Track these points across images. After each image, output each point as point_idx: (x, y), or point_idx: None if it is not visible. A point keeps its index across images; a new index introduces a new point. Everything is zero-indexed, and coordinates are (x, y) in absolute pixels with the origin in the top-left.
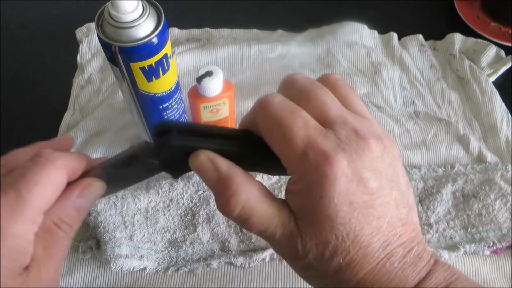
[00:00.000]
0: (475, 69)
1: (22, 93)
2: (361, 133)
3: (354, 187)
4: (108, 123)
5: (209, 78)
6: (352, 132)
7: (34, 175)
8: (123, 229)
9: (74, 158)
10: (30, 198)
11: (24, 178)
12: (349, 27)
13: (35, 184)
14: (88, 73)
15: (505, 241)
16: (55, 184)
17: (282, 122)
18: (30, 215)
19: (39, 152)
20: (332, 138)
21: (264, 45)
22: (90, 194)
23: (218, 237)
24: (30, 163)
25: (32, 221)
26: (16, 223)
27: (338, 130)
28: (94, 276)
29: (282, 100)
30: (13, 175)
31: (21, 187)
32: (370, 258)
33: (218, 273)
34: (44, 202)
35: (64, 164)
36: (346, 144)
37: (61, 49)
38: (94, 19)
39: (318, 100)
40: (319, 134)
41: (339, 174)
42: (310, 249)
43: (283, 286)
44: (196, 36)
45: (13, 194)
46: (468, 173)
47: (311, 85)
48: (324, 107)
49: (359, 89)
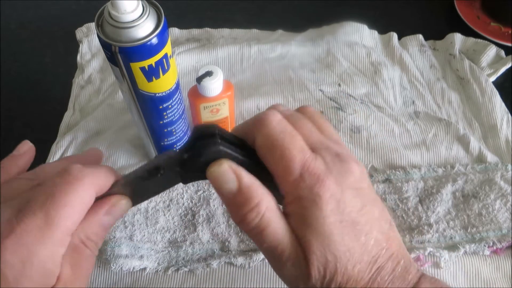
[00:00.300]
0: (475, 69)
1: (22, 93)
2: (343, 157)
3: (342, 206)
4: (108, 123)
5: (209, 78)
6: (335, 156)
7: (63, 195)
8: (123, 229)
9: (103, 174)
10: (59, 220)
11: (54, 198)
12: (349, 27)
13: (65, 205)
14: (88, 73)
15: (505, 241)
16: (84, 203)
17: (282, 144)
18: (59, 238)
19: (68, 169)
20: (321, 162)
21: (264, 45)
22: (117, 212)
23: (218, 237)
24: (58, 179)
25: (61, 244)
26: (45, 246)
27: (323, 155)
28: (94, 276)
29: (281, 120)
30: (41, 192)
31: (51, 208)
32: (363, 274)
33: (218, 273)
34: (73, 223)
35: (93, 182)
36: (332, 167)
37: (61, 49)
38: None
39: (304, 127)
40: (312, 158)
41: (329, 195)
42: (313, 270)
43: (283, 286)
44: (196, 36)
45: (42, 216)
46: (468, 173)
47: (297, 114)
48: (309, 134)
49: (359, 89)
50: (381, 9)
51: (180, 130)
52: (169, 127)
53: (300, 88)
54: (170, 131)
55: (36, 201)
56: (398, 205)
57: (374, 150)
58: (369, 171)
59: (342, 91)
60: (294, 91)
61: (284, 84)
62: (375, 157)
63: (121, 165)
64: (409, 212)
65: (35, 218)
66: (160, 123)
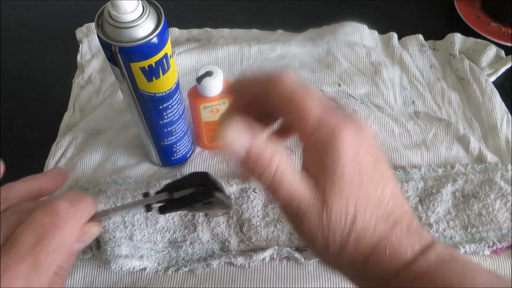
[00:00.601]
0: (475, 69)
1: (22, 93)
2: (355, 117)
3: (359, 157)
4: (108, 123)
5: (209, 78)
6: (349, 115)
7: (52, 239)
8: (123, 229)
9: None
10: (47, 266)
11: (43, 242)
12: (349, 27)
13: (53, 250)
14: (88, 73)
15: (505, 241)
16: (70, 244)
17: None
18: (45, 282)
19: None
20: (341, 111)
21: (264, 45)
22: (88, 238)
23: (218, 237)
24: (46, 219)
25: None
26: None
27: (338, 111)
28: (94, 276)
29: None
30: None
31: (40, 254)
32: (380, 226)
33: (218, 273)
34: (58, 265)
35: (79, 222)
36: (348, 121)
37: (61, 49)
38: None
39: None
40: (330, 107)
41: (348, 143)
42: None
43: (283, 286)
44: (196, 36)
45: (30, 261)
46: (468, 173)
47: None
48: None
49: (359, 89)
50: (381, 9)
51: (180, 130)
52: (169, 127)
53: None
54: (170, 131)
55: (23, 243)
56: None
57: None
58: None
59: (342, 91)
60: None
61: None
62: None
63: (121, 165)
64: None
65: (23, 264)
66: (160, 123)
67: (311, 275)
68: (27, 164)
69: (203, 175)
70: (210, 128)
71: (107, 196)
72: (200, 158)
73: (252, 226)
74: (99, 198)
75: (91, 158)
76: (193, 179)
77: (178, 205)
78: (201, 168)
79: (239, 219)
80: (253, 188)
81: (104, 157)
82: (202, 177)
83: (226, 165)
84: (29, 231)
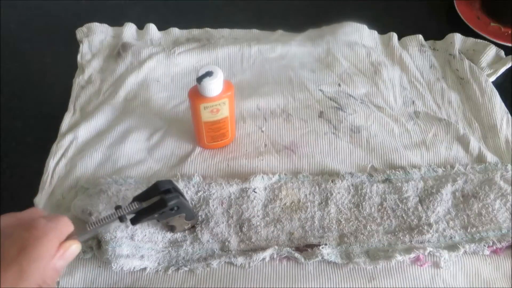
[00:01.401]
0: (475, 69)
1: (22, 93)
2: None
3: None
4: (108, 123)
5: (209, 78)
6: None
7: (33, 248)
8: (124, 228)
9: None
10: (30, 273)
11: (25, 252)
12: (349, 27)
13: (35, 259)
14: (88, 73)
15: (505, 241)
16: (51, 255)
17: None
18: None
19: (34, 225)
20: None
21: (264, 45)
22: (69, 256)
23: (218, 236)
24: (26, 233)
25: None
26: None
27: None
28: (95, 275)
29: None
30: (12, 246)
31: (23, 262)
32: None
33: (218, 273)
34: (40, 273)
35: (56, 235)
36: None
37: (61, 49)
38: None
39: None
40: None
41: None
42: None
43: (283, 286)
44: (196, 36)
45: (16, 269)
46: (468, 173)
47: None
48: None
49: (359, 89)
50: (381, 9)
51: None
52: None
53: (300, 88)
54: None
55: (8, 254)
56: (398, 205)
57: (374, 150)
58: (369, 171)
59: (342, 91)
60: (294, 91)
61: (284, 84)
62: (375, 157)
63: (121, 165)
64: (409, 212)
65: (9, 271)
66: None
67: (311, 275)
68: (27, 164)
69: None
70: (210, 128)
71: (108, 196)
72: (200, 158)
73: (252, 226)
74: (100, 198)
75: (92, 158)
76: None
77: (148, 212)
78: (201, 168)
79: (239, 219)
80: (253, 188)
81: (104, 157)
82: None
83: (226, 165)
84: (11, 244)
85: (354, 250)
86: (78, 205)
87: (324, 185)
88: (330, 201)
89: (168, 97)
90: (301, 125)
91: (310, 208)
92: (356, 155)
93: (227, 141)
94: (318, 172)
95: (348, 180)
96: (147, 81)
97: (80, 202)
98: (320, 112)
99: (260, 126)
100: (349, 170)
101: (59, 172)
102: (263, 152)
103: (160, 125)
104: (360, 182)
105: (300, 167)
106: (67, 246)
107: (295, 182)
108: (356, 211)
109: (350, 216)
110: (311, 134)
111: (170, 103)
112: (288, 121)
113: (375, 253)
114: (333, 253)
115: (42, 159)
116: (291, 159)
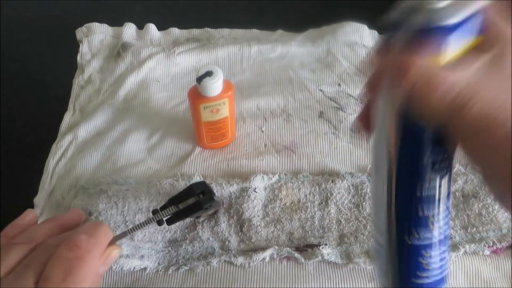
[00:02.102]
0: None
1: (22, 93)
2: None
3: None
4: (108, 123)
5: (209, 78)
6: None
7: (79, 270)
8: (124, 228)
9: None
10: None
11: (71, 274)
12: (349, 27)
13: (82, 280)
14: (88, 73)
15: (505, 241)
16: (96, 272)
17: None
18: None
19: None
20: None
21: (264, 45)
22: (111, 261)
23: (218, 235)
24: (70, 253)
25: None
26: None
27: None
28: None
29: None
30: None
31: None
32: None
33: (218, 273)
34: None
35: (99, 252)
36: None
37: (61, 49)
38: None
39: None
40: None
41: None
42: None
43: (283, 286)
44: (196, 36)
45: None
46: (468, 173)
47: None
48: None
49: (359, 89)
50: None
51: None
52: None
53: (300, 88)
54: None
55: (55, 278)
56: None
57: None
58: (369, 171)
59: (342, 91)
60: (294, 91)
61: (284, 84)
62: None
63: (121, 165)
64: None
65: None
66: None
67: (311, 275)
68: (27, 164)
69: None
70: (210, 128)
71: (108, 196)
72: (200, 158)
73: (252, 226)
74: (100, 198)
75: (91, 158)
76: (193, 189)
77: (185, 214)
78: (201, 167)
79: (239, 219)
80: (253, 187)
81: (104, 157)
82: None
83: (226, 165)
84: (57, 267)
85: (354, 250)
86: (78, 205)
87: (324, 185)
88: (330, 201)
89: (168, 97)
90: (301, 125)
91: (310, 208)
92: (356, 155)
93: (227, 141)
94: (318, 172)
95: (348, 180)
96: (147, 81)
97: (80, 202)
98: (320, 112)
99: (260, 126)
100: (349, 170)
101: (59, 172)
102: (263, 152)
103: (160, 125)
104: (360, 182)
105: (300, 167)
106: (109, 253)
107: (295, 182)
108: (356, 211)
109: (350, 216)
110: (311, 134)
111: (170, 103)
112: (288, 121)
113: None
114: (333, 253)
115: (42, 159)
116: (291, 159)
